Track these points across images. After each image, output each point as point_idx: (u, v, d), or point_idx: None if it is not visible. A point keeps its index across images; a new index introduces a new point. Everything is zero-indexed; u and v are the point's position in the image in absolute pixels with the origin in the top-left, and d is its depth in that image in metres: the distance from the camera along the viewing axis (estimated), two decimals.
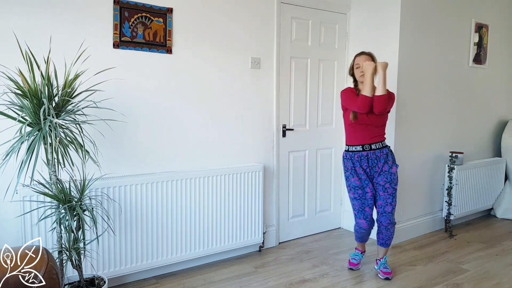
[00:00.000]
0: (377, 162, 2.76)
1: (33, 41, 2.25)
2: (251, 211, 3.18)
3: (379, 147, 2.76)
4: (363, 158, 2.76)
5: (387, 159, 2.77)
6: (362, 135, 2.75)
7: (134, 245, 2.67)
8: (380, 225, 2.81)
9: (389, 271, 2.88)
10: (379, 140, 2.77)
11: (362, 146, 2.76)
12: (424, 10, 3.61)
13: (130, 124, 2.70)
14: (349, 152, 2.82)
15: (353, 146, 2.79)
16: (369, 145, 2.75)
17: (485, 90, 4.38)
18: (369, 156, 2.76)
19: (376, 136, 2.76)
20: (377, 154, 2.76)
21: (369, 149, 2.75)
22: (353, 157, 2.78)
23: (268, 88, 3.35)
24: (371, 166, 2.78)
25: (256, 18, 3.23)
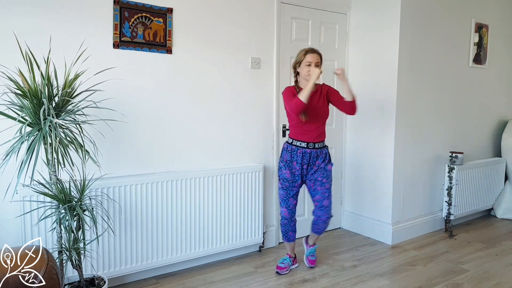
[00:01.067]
0: (316, 160, 2.84)
1: (33, 41, 2.25)
2: (251, 211, 3.18)
3: (320, 147, 2.85)
4: (305, 154, 2.82)
5: (325, 158, 2.87)
6: (309, 133, 2.81)
7: (134, 245, 2.67)
8: (318, 219, 2.88)
9: (315, 259, 3.06)
10: (321, 140, 2.86)
11: (307, 144, 2.81)
12: (424, 10, 3.61)
13: (130, 124, 2.70)
14: (291, 145, 2.86)
15: (298, 141, 2.83)
16: (313, 144, 2.82)
17: (485, 90, 4.38)
18: (311, 154, 2.82)
19: (320, 135, 2.84)
20: (318, 153, 2.84)
21: (312, 147, 2.82)
22: (294, 151, 2.83)
23: (268, 88, 3.35)
24: (310, 163, 2.84)
25: (256, 18, 3.23)
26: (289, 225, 2.95)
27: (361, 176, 3.78)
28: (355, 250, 3.42)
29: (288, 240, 3.00)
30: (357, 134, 3.81)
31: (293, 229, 2.97)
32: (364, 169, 3.76)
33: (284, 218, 2.93)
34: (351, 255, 3.30)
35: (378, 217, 3.67)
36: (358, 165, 3.81)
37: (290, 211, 2.91)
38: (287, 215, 2.91)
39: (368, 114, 3.68)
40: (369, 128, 3.69)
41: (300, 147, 2.82)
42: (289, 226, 2.95)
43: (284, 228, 2.96)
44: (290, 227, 2.96)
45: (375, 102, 3.62)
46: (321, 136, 2.86)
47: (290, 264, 3.01)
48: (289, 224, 2.94)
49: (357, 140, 3.82)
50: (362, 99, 3.74)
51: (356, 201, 3.88)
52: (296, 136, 2.85)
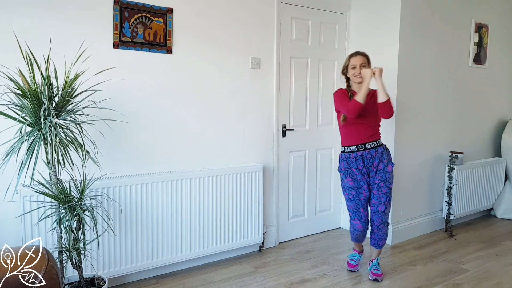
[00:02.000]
0: (372, 161, 2.75)
1: (33, 41, 2.25)
2: (251, 211, 3.18)
3: (373, 146, 2.75)
4: (358, 158, 2.75)
5: (382, 158, 2.76)
6: (356, 136, 2.75)
7: (134, 245, 2.67)
8: (373, 224, 2.81)
9: (380, 273, 2.85)
10: (374, 139, 2.76)
11: (357, 146, 2.75)
12: (424, 10, 3.61)
13: (130, 124, 2.70)
14: (344, 153, 2.82)
15: (348, 146, 2.79)
16: (364, 145, 2.74)
17: (485, 90, 4.38)
18: (364, 156, 2.75)
19: (370, 135, 2.75)
20: (372, 153, 2.75)
21: (363, 149, 2.74)
22: (349, 157, 2.78)
23: (268, 88, 3.35)
24: (366, 166, 2.76)
25: (256, 18, 3.23)
26: (363, 235, 2.89)
27: None
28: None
29: (357, 241, 2.98)
30: None
31: (364, 235, 2.90)
32: None
33: (358, 230, 2.84)
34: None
35: None
36: None
37: (363, 223, 2.81)
38: (361, 227, 2.82)
39: None
40: None
41: (351, 152, 2.77)
42: (361, 236, 2.89)
43: (354, 236, 2.91)
44: (363, 237, 2.91)
45: None
46: (371, 136, 2.75)
47: (360, 260, 3.03)
48: (362, 234, 2.87)
49: None
50: None
51: None
52: (345, 142, 2.81)
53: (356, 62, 2.73)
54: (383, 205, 2.77)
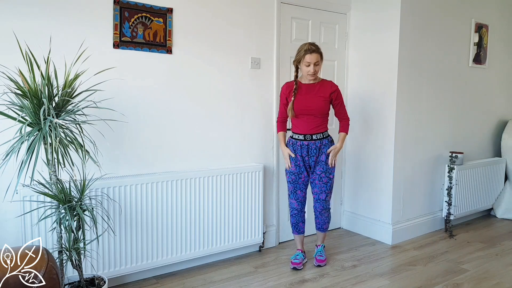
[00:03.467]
0: (316, 151, 2.89)
1: (33, 41, 2.25)
2: (251, 211, 3.18)
3: (319, 138, 2.89)
4: (303, 147, 2.89)
5: (324, 150, 2.90)
6: (304, 126, 2.88)
7: (134, 245, 2.67)
8: (315, 211, 3.00)
9: (323, 258, 3.06)
10: (320, 131, 2.89)
11: (304, 136, 2.89)
12: (424, 10, 3.61)
13: (130, 124, 2.70)
14: (292, 138, 2.96)
15: (296, 134, 2.93)
16: (310, 135, 2.88)
17: (485, 90, 4.38)
18: (309, 146, 2.89)
19: (316, 127, 2.88)
20: (317, 144, 2.89)
21: (310, 139, 2.88)
22: (295, 144, 2.92)
23: (268, 88, 3.35)
24: (310, 155, 2.91)
25: (256, 18, 3.23)
26: (300, 215, 3.02)
27: (361, 176, 3.78)
28: (355, 250, 3.42)
29: (298, 232, 3.07)
30: (357, 134, 3.80)
31: (303, 220, 3.05)
32: (364, 169, 3.76)
33: (294, 208, 3.00)
34: (351, 255, 3.30)
35: (378, 217, 3.67)
36: (358, 165, 3.81)
37: (300, 202, 2.99)
38: (297, 205, 2.99)
39: (368, 114, 3.68)
40: (369, 128, 3.69)
41: (298, 139, 2.91)
42: (299, 217, 3.02)
43: (294, 219, 3.03)
44: (301, 217, 3.03)
45: (375, 102, 3.62)
46: (319, 127, 2.90)
47: (303, 258, 3.06)
48: (299, 214, 3.01)
49: (357, 140, 3.81)
50: (362, 99, 3.75)
51: (356, 201, 3.88)
52: (293, 128, 2.95)
53: (311, 61, 2.76)
54: (324, 194, 2.94)
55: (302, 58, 2.79)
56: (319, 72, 2.87)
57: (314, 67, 2.77)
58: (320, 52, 2.80)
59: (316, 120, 2.88)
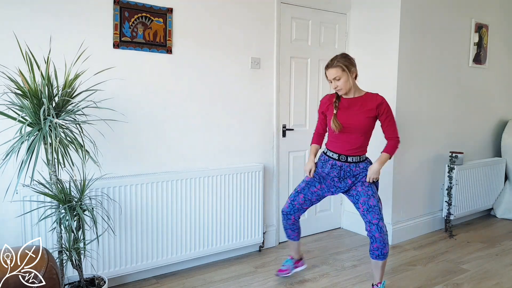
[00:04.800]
0: (350, 174, 2.54)
1: (33, 41, 2.25)
2: (251, 211, 3.18)
3: (355, 161, 2.53)
4: (335, 167, 2.55)
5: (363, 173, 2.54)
6: (341, 144, 2.55)
7: (134, 245, 2.67)
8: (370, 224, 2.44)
9: None
10: (357, 154, 2.54)
11: (339, 156, 2.55)
12: (424, 10, 3.61)
13: (130, 124, 2.70)
14: (325, 154, 2.63)
15: (331, 152, 2.59)
16: (346, 157, 2.53)
17: (485, 90, 4.38)
18: (342, 168, 2.54)
19: (356, 148, 2.53)
20: (351, 168, 2.53)
21: (344, 161, 2.53)
22: (326, 161, 2.59)
23: (268, 88, 3.35)
24: (342, 178, 2.56)
25: (256, 18, 3.23)
26: (286, 222, 2.71)
27: None
28: (355, 250, 3.41)
29: (288, 237, 2.81)
30: None
31: (292, 228, 2.73)
32: None
33: (282, 211, 2.72)
34: (351, 255, 3.30)
35: None
36: None
37: (291, 206, 2.67)
38: (286, 208, 2.68)
39: None
40: None
41: (331, 157, 2.57)
42: (286, 223, 2.71)
43: (283, 223, 2.75)
44: (288, 225, 2.72)
45: None
46: (358, 150, 2.53)
47: (292, 266, 2.86)
48: (286, 220, 2.70)
49: None
50: None
51: None
52: (329, 144, 2.62)
53: (329, 77, 2.51)
54: (374, 199, 2.47)
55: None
56: (346, 85, 2.47)
57: (335, 82, 2.48)
58: (337, 65, 2.46)
59: (355, 139, 2.51)
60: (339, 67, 2.46)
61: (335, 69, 2.47)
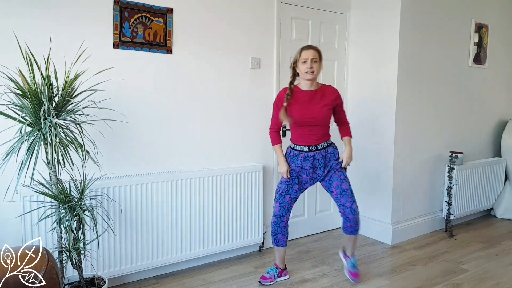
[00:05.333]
0: (324, 161, 2.68)
1: (33, 41, 2.25)
2: (251, 211, 3.18)
3: (324, 147, 2.69)
4: (308, 158, 2.66)
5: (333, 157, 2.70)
6: (308, 137, 2.66)
7: (134, 245, 2.67)
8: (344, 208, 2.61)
9: (358, 272, 2.82)
10: (324, 140, 2.69)
11: (308, 147, 2.66)
12: (424, 10, 3.61)
13: (130, 124, 2.70)
14: (293, 150, 2.72)
15: (299, 145, 2.69)
16: (315, 146, 2.67)
17: (485, 90, 4.38)
18: (315, 157, 2.67)
19: (321, 137, 2.67)
20: (323, 154, 2.67)
21: (315, 150, 2.67)
22: (297, 156, 2.68)
23: (268, 88, 3.35)
24: (316, 166, 2.68)
25: (256, 18, 3.23)
26: (279, 225, 2.70)
27: (361, 176, 3.78)
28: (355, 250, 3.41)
29: (277, 244, 2.75)
30: (357, 134, 3.80)
31: (282, 232, 2.72)
32: (364, 169, 3.75)
33: (274, 214, 2.69)
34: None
35: (378, 217, 3.67)
36: (358, 165, 3.81)
37: (283, 208, 2.68)
38: (278, 210, 2.68)
39: (368, 113, 3.68)
40: (369, 127, 3.69)
41: (301, 151, 2.67)
42: (278, 227, 2.70)
43: (273, 228, 2.72)
44: (280, 229, 2.71)
45: (375, 102, 3.62)
46: (324, 137, 2.69)
47: (275, 275, 2.79)
48: (278, 224, 2.70)
49: (357, 139, 3.81)
50: (362, 99, 3.75)
51: None
52: (294, 139, 2.72)
53: (307, 56, 2.55)
54: (346, 183, 2.65)
55: (298, 57, 2.60)
56: (318, 72, 2.60)
57: (311, 63, 2.54)
58: (317, 49, 2.60)
59: (321, 130, 2.66)
60: (318, 52, 2.61)
61: (316, 52, 2.60)
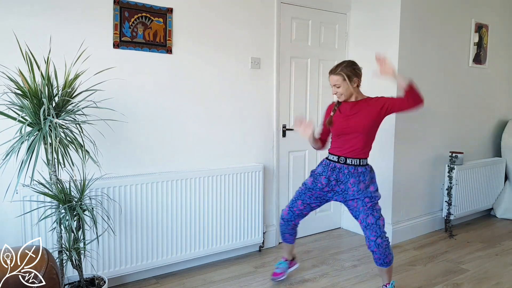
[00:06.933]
0: (349, 178, 2.48)
1: (33, 41, 2.25)
2: (251, 211, 3.18)
3: (355, 164, 2.48)
4: (334, 169, 2.52)
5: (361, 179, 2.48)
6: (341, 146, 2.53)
7: (134, 245, 2.67)
8: (368, 241, 2.43)
9: None
10: (358, 157, 2.49)
11: (338, 158, 2.52)
12: (424, 10, 3.61)
13: (130, 124, 2.70)
14: (326, 159, 2.61)
15: (332, 155, 2.57)
16: (345, 158, 2.49)
17: (485, 90, 4.38)
18: (341, 170, 2.50)
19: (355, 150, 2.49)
20: (350, 170, 2.48)
21: (343, 162, 2.50)
22: (327, 165, 2.56)
23: (268, 88, 3.35)
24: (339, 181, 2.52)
25: (256, 18, 3.23)
26: (286, 227, 2.72)
27: None
28: (355, 250, 3.41)
29: (285, 241, 2.81)
30: None
31: (290, 233, 2.75)
32: None
33: (281, 217, 2.71)
34: (351, 255, 3.30)
35: None
36: None
37: (291, 212, 2.66)
38: (286, 215, 2.68)
39: None
40: None
41: (331, 160, 2.55)
42: (285, 228, 2.72)
43: (281, 228, 2.75)
44: (287, 230, 2.73)
45: None
46: (357, 152, 2.49)
47: (286, 268, 2.84)
48: (285, 226, 2.71)
49: None
50: None
51: None
52: (332, 150, 2.60)
53: (331, 83, 2.53)
54: (372, 217, 2.42)
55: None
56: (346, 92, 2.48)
57: (335, 88, 2.50)
58: (339, 73, 2.46)
59: (355, 139, 2.47)
60: (340, 75, 2.47)
61: (337, 77, 2.48)
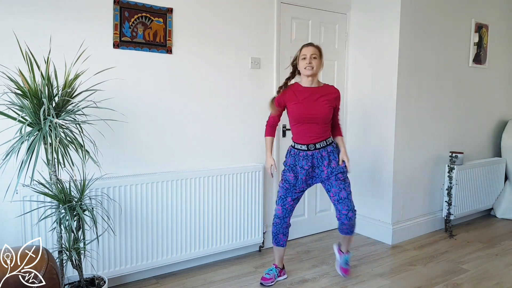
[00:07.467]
0: (323, 161, 2.65)
1: (33, 41, 2.25)
2: (251, 211, 3.18)
3: (323, 146, 2.65)
4: (307, 157, 2.65)
5: (332, 157, 2.66)
6: (307, 134, 2.65)
7: (134, 245, 2.67)
8: (340, 215, 2.64)
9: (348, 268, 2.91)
10: (323, 139, 2.66)
11: (307, 146, 2.65)
12: (424, 10, 3.61)
13: (130, 124, 2.70)
14: (293, 148, 2.72)
15: (298, 144, 2.68)
16: (314, 145, 2.64)
17: (485, 90, 4.38)
18: (314, 156, 2.65)
19: (320, 135, 2.64)
20: (321, 153, 2.65)
21: (313, 149, 2.65)
22: (297, 155, 2.68)
23: (268, 88, 3.35)
24: (316, 166, 2.67)
25: (256, 18, 3.23)
26: (281, 226, 2.72)
27: (361, 176, 3.78)
28: (355, 250, 3.41)
29: (277, 244, 2.76)
30: (357, 134, 3.81)
31: (284, 232, 2.74)
32: (364, 169, 3.75)
33: (277, 216, 2.70)
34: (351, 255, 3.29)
35: (378, 217, 3.67)
36: (358, 165, 3.81)
37: (285, 210, 2.69)
38: (280, 213, 2.69)
39: (368, 114, 3.68)
40: (369, 128, 3.69)
41: (300, 149, 2.67)
42: (280, 227, 2.72)
43: (275, 228, 2.73)
44: (282, 229, 2.73)
45: (375, 102, 3.62)
46: (323, 135, 2.66)
47: (276, 275, 2.80)
48: (281, 224, 2.71)
49: (357, 140, 3.81)
50: (362, 99, 3.75)
51: (356, 201, 3.84)
52: (295, 137, 2.71)
53: (307, 53, 2.59)
54: (344, 191, 2.62)
55: (299, 54, 2.64)
56: (317, 69, 2.62)
57: (310, 59, 2.58)
58: (317, 47, 2.63)
59: (320, 128, 2.64)
60: (318, 49, 2.64)
61: (316, 49, 2.63)
